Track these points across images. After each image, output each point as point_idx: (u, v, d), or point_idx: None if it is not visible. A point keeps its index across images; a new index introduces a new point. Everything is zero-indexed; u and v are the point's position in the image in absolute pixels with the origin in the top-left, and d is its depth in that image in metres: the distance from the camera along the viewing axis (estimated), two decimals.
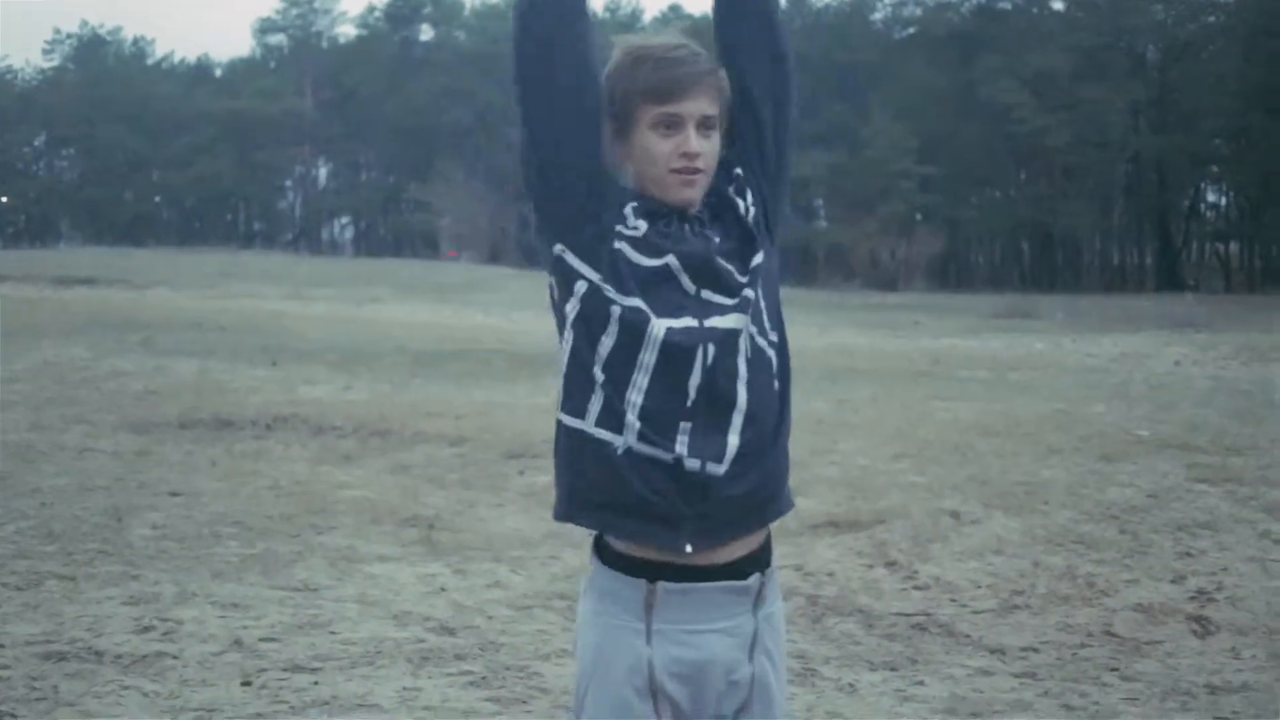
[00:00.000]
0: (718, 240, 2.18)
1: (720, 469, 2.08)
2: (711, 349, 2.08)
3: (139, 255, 52.22)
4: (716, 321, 2.10)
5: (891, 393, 13.82)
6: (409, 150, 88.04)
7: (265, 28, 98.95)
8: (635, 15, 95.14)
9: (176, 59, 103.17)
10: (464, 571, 6.58)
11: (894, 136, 68.61)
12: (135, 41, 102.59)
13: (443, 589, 6.31)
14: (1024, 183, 78.65)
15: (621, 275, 2.09)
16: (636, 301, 2.07)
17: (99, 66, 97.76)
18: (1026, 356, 18.96)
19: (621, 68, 2.18)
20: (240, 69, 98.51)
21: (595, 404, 2.10)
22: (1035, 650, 5.69)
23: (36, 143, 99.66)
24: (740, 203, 2.24)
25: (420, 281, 38.57)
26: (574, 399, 2.13)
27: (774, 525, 2.22)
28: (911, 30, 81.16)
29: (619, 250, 2.10)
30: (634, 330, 2.07)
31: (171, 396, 12.77)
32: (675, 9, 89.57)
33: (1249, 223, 71.12)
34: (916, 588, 6.68)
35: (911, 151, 68.92)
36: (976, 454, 9.70)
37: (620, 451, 2.07)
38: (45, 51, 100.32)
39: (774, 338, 2.19)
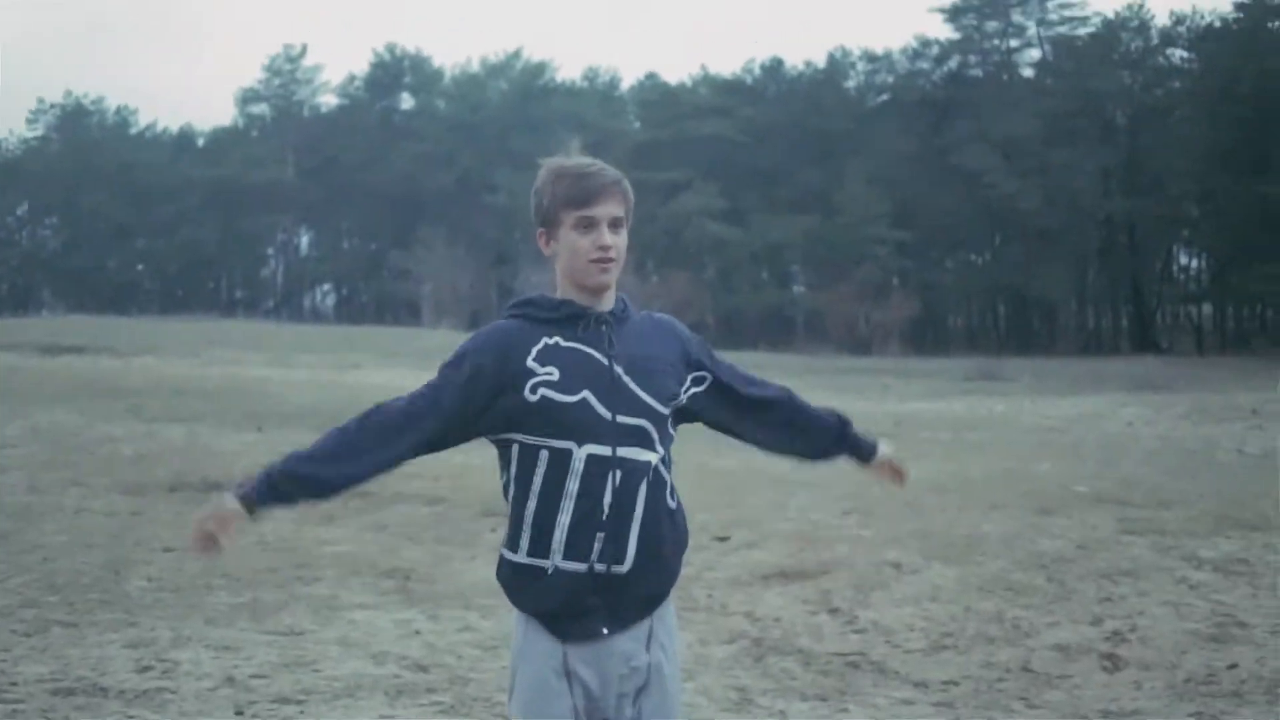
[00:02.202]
0: (626, 360, 2.72)
1: (623, 568, 2.69)
2: (619, 474, 2.68)
3: (123, 323, 52.70)
4: (626, 452, 2.68)
5: None
6: (390, 217, 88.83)
7: (248, 97, 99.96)
8: (614, 83, 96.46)
9: (160, 128, 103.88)
10: (437, 617, 7.15)
11: (868, 202, 69.75)
12: (118, 110, 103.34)
13: (417, 632, 6.87)
14: (999, 246, 79.78)
15: (547, 420, 2.65)
16: (561, 442, 2.65)
17: (82, 135, 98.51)
18: (987, 418, 19.61)
19: (546, 183, 2.79)
20: (223, 138, 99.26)
21: (525, 538, 2.72)
22: (955, 684, 6.26)
23: (19, 212, 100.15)
24: (698, 370, 2.85)
25: (401, 348, 39.17)
26: (511, 538, 2.76)
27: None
28: (884, 97, 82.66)
29: (544, 397, 2.65)
30: (560, 463, 2.66)
31: (161, 461, 13.29)
32: (652, 76, 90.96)
33: (1220, 285, 72.26)
34: (855, 631, 7.25)
35: (885, 216, 70.04)
36: (923, 509, 10.30)
37: (550, 572, 2.70)
38: (29, 121, 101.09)
39: (669, 464, 2.80)
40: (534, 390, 2.65)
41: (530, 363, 2.66)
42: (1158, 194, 69.47)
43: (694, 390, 2.84)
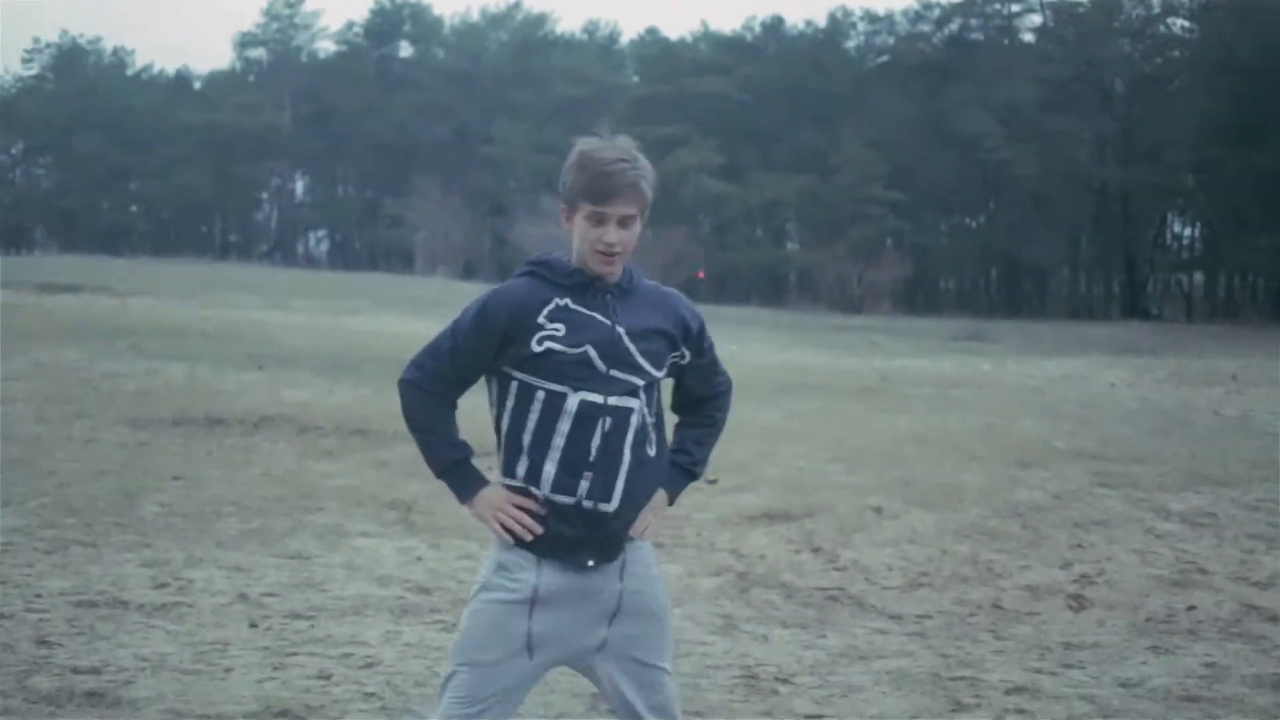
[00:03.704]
0: (626, 326, 2.99)
1: (610, 507, 2.97)
2: (609, 420, 2.96)
3: (118, 264, 52.85)
4: (617, 401, 2.96)
5: (836, 406, 14.79)
6: (386, 166, 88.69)
7: (245, 41, 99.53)
8: (613, 36, 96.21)
9: (156, 70, 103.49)
10: (438, 546, 7.49)
11: (864, 163, 69.79)
12: (115, 52, 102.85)
13: (419, 559, 7.22)
14: (993, 211, 79.89)
15: (549, 367, 2.93)
16: (558, 386, 2.93)
17: (78, 76, 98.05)
18: (972, 376, 19.96)
19: (573, 166, 3.01)
20: (220, 82, 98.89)
21: (522, 466, 2.98)
22: (929, 617, 6.62)
23: (13, 151, 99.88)
24: (682, 350, 3.10)
25: (397, 295, 39.44)
26: (507, 464, 3.01)
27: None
28: (884, 59, 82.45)
29: (549, 349, 2.93)
30: (554, 405, 2.93)
31: (164, 397, 13.60)
32: (652, 31, 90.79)
33: (1212, 255, 72.51)
34: (836, 569, 7.61)
35: (881, 178, 70.09)
36: (905, 460, 10.66)
37: (541, 500, 2.96)
38: (24, 60, 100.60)
39: (654, 419, 3.06)
40: (540, 342, 2.94)
41: (541, 319, 2.96)
42: (1153, 163, 69.42)
43: (672, 362, 3.12)
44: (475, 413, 3.20)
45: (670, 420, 3.21)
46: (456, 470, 3.07)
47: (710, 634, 6.06)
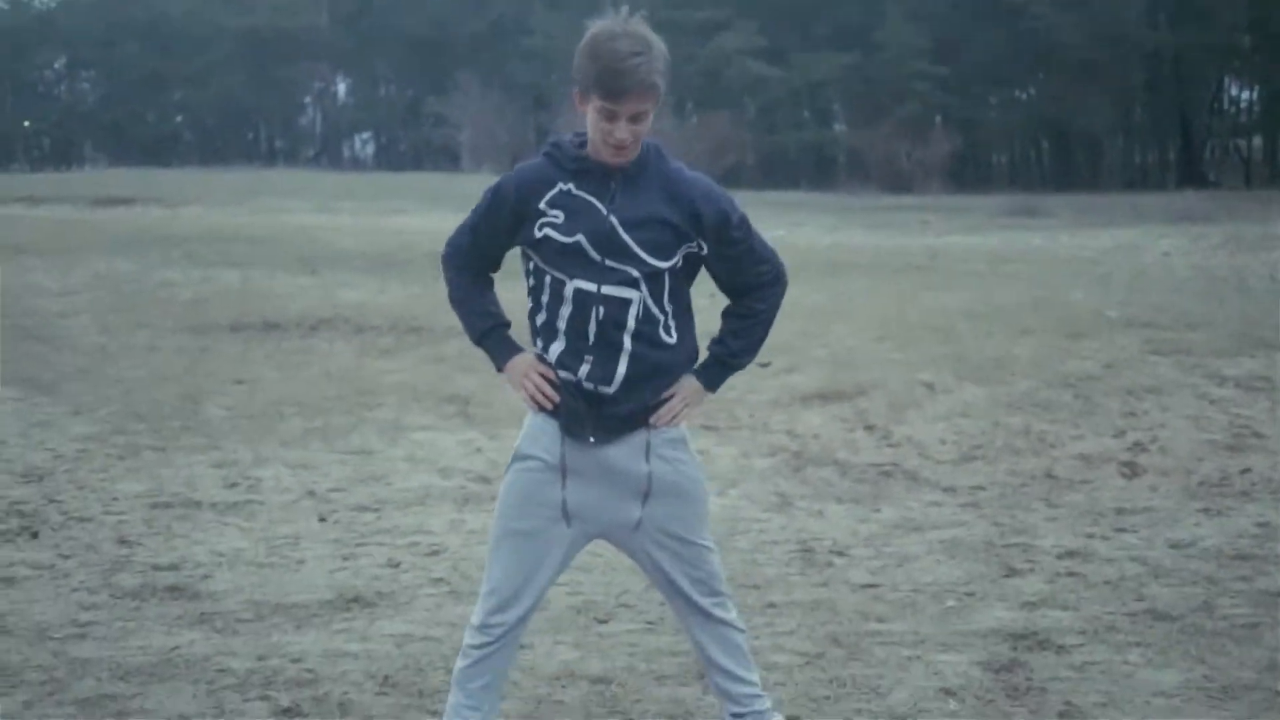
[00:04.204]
0: (623, 216, 2.99)
1: (610, 389, 3.02)
2: (602, 308, 2.99)
3: (166, 175, 53.07)
4: (610, 290, 2.99)
5: (885, 285, 14.78)
6: (425, 62, 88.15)
7: None
8: None
9: None
10: (498, 437, 7.65)
11: (908, 38, 68.51)
12: None
13: (479, 450, 7.39)
14: (1042, 82, 78.31)
15: (550, 253, 3.02)
16: (558, 273, 3.01)
17: None
18: (1023, 251, 19.83)
19: (585, 54, 2.99)
20: None
21: (540, 342, 3.08)
22: (982, 489, 6.72)
23: (57, 65, 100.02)
24: (697, 241, 3.06)
25: (442, 192, 39.40)
26: (532, 334, 3.10)
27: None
28: None
29: (547, 235, 3.00)
30: (557, 290, 3.02)
31: (220, 303, 13.79)
32: None
33: (1270, 116, 70.87)
34: (889, 445, 7.71)
35: (927, 53, 68.80)
36: (956, 335, 10.68)
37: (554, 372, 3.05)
38: None
39: (669, 307, 3.06)
40: (540, 229, 3.01)
41: (543, 205, 3.02)
42: (1207, 24, 67.58)
43: (689, 253, 3.09)
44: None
45: (705, 307, 3.24)
46: (489, 338, 3.18)
47: (766, 511, 6.19)
